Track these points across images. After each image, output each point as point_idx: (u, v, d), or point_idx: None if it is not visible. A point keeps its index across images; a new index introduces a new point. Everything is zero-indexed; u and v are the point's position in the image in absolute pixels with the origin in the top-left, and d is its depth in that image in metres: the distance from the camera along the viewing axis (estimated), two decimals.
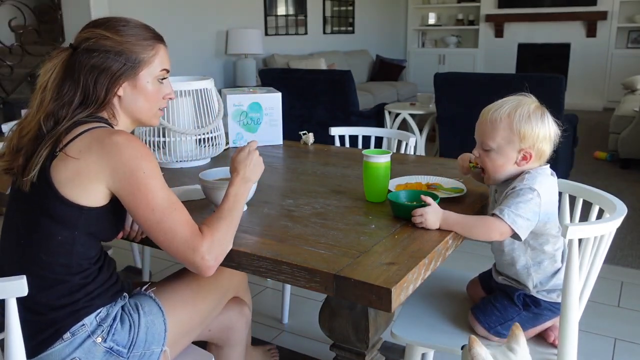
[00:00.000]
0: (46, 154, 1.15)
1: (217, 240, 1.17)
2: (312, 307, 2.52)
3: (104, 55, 1.21)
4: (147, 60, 1.26)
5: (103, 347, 1.19)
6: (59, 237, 1.17)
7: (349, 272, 1.08)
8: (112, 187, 1.15)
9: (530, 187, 1.31)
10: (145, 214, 1.15)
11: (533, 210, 1.30)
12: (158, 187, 1.15)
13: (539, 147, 1.35)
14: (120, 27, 1.24)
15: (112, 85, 1.23)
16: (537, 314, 1.42)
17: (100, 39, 1.21)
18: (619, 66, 7.96)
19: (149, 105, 1.30)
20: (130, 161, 1.13)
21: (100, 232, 1.23)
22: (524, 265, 1.42)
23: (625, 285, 2.73)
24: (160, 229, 1.15)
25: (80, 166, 1.13)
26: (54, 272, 1.18)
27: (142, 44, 1.25)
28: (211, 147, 2.00)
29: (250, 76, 6.02)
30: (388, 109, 4.94)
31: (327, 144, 2.32)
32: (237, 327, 1.55)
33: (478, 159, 1.42)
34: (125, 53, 1.22)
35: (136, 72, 1.25)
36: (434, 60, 9.37)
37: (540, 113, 1.36)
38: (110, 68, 1.21)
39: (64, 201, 1.14)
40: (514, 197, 1.31)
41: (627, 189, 4.27)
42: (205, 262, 1.15)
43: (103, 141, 1.15)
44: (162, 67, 1.30)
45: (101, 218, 1.20)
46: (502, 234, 1.30)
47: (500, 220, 1.29)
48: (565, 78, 3.70)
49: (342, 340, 1.35)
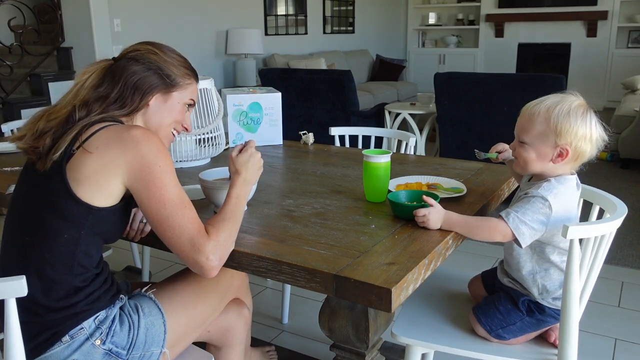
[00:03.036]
0: (65, 146, 1.17)
1: (222, 241, 1.18)
2: (312, 307, 2.52)
3: (147, 66, 1.29)
4: (182, 85, 1.34)
5: (102, 349, 1.19)
6: (65, 235, 1.17)
7: (349, 272, 1.08)
8: (127, 181, 1.17)
9: (543, 196, 1.29)
10: (157, 207, 1.16)
11: (540, 220, 1.28)
12: (172, 183, 1.18)
13: (578, 145, 1.30)
14: (167, 50, 1.35)
15: (148, 93, 1.29)
16: (541, 320, 1.41)
17: (148, 52, 1.31)
18: (619, 66, 7.96)
19: (168, 122, 1.35)
20: (147, 155, 1.16)
21: (105, 233, 1.24)
22: (530, 271, 1.40)
23: (626, 285, 2.73)
24: (169, 224, 1.16)
25: (98, 162, 1.15)
26: (55, 272, 1.18)
27: (182, 70, 1.34)
28: (211, 147, 2.00)
29: (250, 76, 6.02)
30: (388, 109, 4.93)
31: (327, 144, 2.32)
32: (236, 328, 1.55)
33: (514, 152, 1.39)
34: (166, 70, 1.31)
35: (170, 90, 1.32)
36: (434, 60, 9.36)
37: (583, 111, 1.31)
38: (150, 77, 1.29)
39: (75, 199, 1.15)
40: (524, 203, 1.30)
41: (627, 189, 4.27)
42: (210, 262, 1.16)
43: (121, 136, 1.17)
44: (191, 97, 1.38)
45: (108, 218, 1.21)
46: (505, 237, 1.30)
47: (503, 222, 1.28)
48: (565, 78, 3.70)
49: (342, 340, 1.35)
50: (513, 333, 1.42)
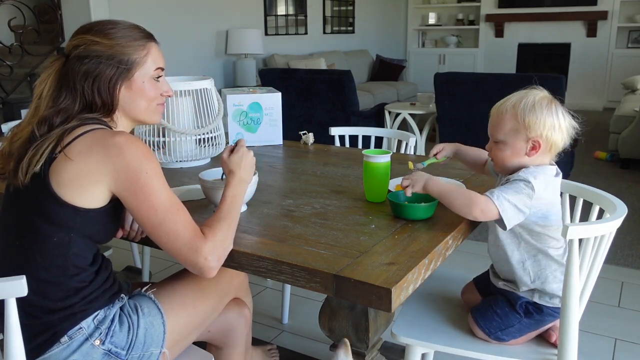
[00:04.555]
0: (44, 156, 1.14)
1: (219, 241, 1.17)
2: (312, 307, 2.52)
3: (95, 61, 1.21)
4: (139, 61, 1.25)
5: (101, 350, 1.19)
6: (55, 238, 1.16)
7: (349, 272, 1.08)
8: (113, 188, 1.15)
9: (524, 179, 1.30)
10: (148, 214, 1.14)
11: (523, 201, 1.29)
12: (161, 188, 1.15)
13: (548, 135, 1.33)
14: (108, 31, 1.23)
15: (112, 90, 1.23)
16: (539, 320, 1.42)
17: (90, 44, 1.21)
18: (619, 66, 7.96)
19: (146, 104, 1.30)
20: (132, 162, 1.13)
21: (96, 234, 1.22)
22: (519, 260, 1.40)
23: (626, 285, 2.73)
24: (163, 230, 1.15)
25: (80, 168, 1.13)
26: (50, 275, 1.17)
27: (133, 45, 1.24)
28: (211, 147, 2.00)
29: (250, 76, 6.02)
30: (388, 109, 4.94)
31: (327, 144, 2.32)
32: (237, 328, 1.55)
33: (491, 153, 1.42)
34: (116, 56, 1.22)
35: (130, 74, 1.24)
36: (434, 60, 9.36)
37: (547, 102, 1.34)
38: (104, 73, 1.21)
39: (61, 202, 1.14)
40: (507, 185, 1.31)
41: (627, 189, 4.27)
42: (208, 262, 1.15)
43: (104, 142, 1.14)
44: (155, 65, 1.29)
45: (98, 220, 1.19)
46: (484, 212, 1.28)
47: (486, 198, 1.28)
48: (565, 78, 3.70)
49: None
50: (512, 335, 1.42)
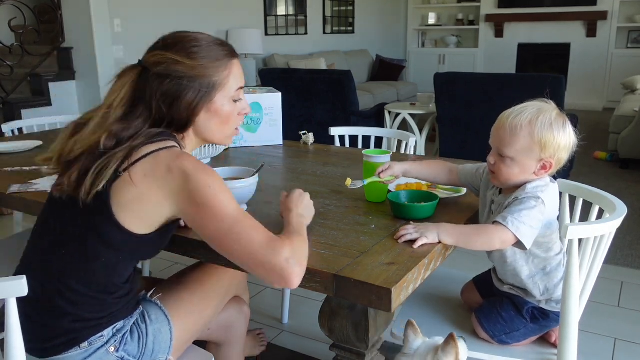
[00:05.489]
0: (108, 175, 1.08)
1: (297, 247, 1.09)
2: (312, 307, 2.52)
3: (177, 82, 1.14)
4: (221, 82, 1.19)
5: (115, 357, 1.18)
6: (103, 259, 1.12)
7: (349, 272, 1.08)
8: (176, 212, 1.10)
9: (534, 195, 1.26)
10: (216, 225, 1.07)
11: (537, 218, 1.25)
12: (227, 199, 1.09)
13: (560, 157, 1.29)
14: (191, 49, 1.16)
15: (192, 113, 1.17)
16: (545, 325, 1.42)
17: (172, 64, 1.14)
18: (619, 66, 7.96)
19: (223, 127, 1.24)
20: (197, 187, 1.07)
21: (144, 255, 1.21)
22: (529, 275, 1.39)
23: (625, 285, 2.73)
24: (234, 237, 1.06)
25: (143, 192, 1.08)
26: (87, 289, 1.14)
27: (215, 66, 1.18)
28: (211, 147, 1.99)
29: (250, 76, 6.02)
30: (388, 109, 4.93)
31: (327, 144, 2.32)
32: (237, 325, 1.55)
33: (494, 165, 1.33)
34: (198, 78, 1.16)
35: (211, 97, 1.18)
36: (434, 60, 9.37)
37: (562, 121, 1.28)
38: (185, 96, 1.15)
39: (118, 226, 1.09)
40: (517, 205, 1.26)
41: (627, 189, 4.27)
42: (290, 265, 1.04)
43: (169, 167, 1.08)
44: (237, 85, 1.23)
45: (150, 242, 1.16)
46: (504, 242, 1.24)
47: (502, 227, 1.23)
48: (565, 78, 3.70)
49: (342, 340, 1.35)
50: (516, 339, 1.42)
